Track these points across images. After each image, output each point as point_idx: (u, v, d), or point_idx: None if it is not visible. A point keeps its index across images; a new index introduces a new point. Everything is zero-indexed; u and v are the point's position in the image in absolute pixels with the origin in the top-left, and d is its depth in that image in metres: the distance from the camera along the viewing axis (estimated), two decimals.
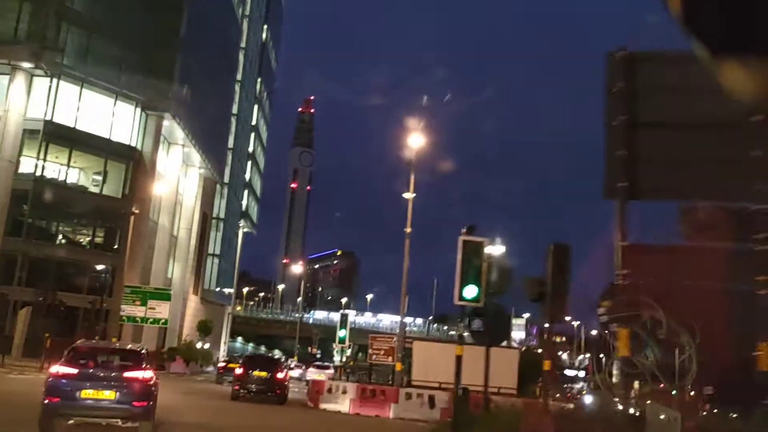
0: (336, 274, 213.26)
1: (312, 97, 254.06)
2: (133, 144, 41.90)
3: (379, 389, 19.99)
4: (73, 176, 40.92)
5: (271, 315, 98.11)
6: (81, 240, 41.65)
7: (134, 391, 10.65)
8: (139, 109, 42.19)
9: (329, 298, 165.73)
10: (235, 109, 65.01)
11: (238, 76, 65.20)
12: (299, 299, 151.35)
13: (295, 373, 47.56)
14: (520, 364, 30.67)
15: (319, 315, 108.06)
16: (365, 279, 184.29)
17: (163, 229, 48.07)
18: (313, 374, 41.94)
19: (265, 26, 77.84)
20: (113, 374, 10.88)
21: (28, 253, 36.97)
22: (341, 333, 33.71)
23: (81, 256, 39.80)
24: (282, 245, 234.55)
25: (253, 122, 76.07)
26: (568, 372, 74.90)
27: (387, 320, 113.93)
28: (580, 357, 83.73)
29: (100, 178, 41.63)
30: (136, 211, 36.71)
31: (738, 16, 1.61)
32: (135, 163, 41.86)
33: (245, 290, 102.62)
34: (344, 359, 74.51)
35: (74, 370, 10.61)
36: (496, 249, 16.25)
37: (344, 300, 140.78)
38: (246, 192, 75.50)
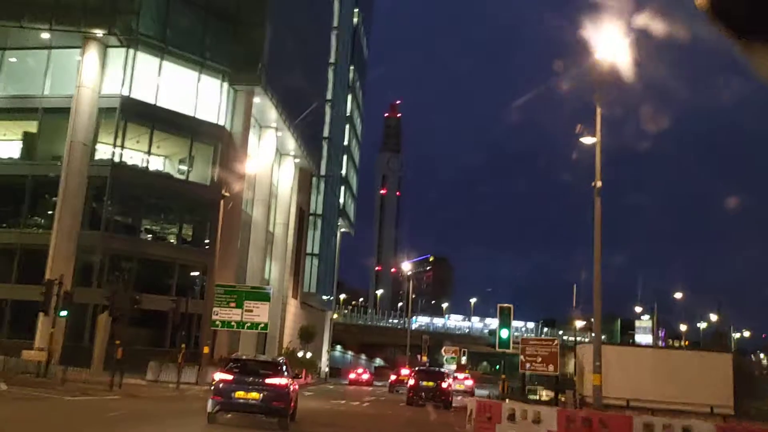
0: (429, 280, 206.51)
1: (398, 101, 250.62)
2: (221, 123, 36.49)
3: (597, 417, 12.69)
4: (156, 161, 35.85)
5: (372, 322, 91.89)
6: (166, 233, 36.45)
7: (274, 393, 14.55)
8: (226, 84, 36.74)
9: (425, 302, 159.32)
10: (329, 95, 59.28)
11: (331, 59, 59.45)
12: (400, 304, 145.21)
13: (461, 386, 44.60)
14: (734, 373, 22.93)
15: (423, 320, 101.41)
16: (459, 285, 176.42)
17: (258, 223, 42.53)
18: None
19: (356, 9, 72.05)
20: (258, 380, 14.64)
21: (107, 250, 31.96)
22: (503, 333, 26.41)
23: (166, 252, 34.56)
24: (374, 252, 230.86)
25: (348, 112, 70.30)
26: None
27: (494, 324, 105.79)
28: None
29: (185, 163, 36.43)
30: (227, 194, 31.01)
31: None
32: (224, 146, 36.38)
33: (342, 297, 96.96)
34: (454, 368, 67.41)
35: (230, 377, 14.58)
36: None
37: (445, 305, 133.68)
38: (343, 188, 69.70)
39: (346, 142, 70.20)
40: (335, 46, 60.54)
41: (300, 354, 45.95)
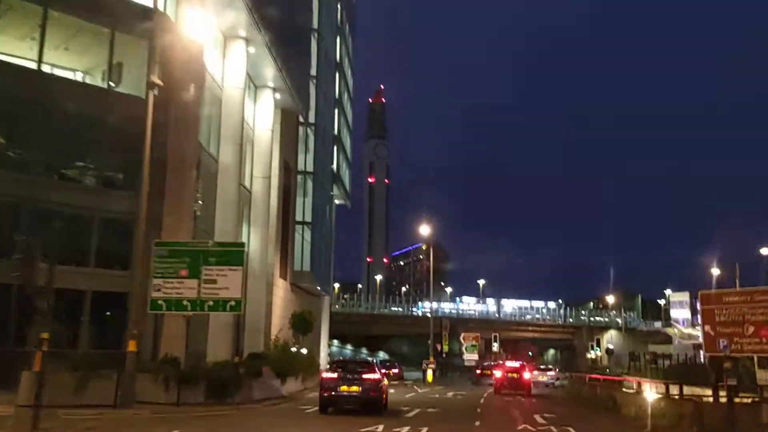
0: (424, 269, 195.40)
1: (382, 87, 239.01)
2: (159, 8, 24.59)
3: None
4: (57, 59, 23.95)
5: (376, 310, 79.98)
6: (82, 174, 24.25)
7: (369, 386, 18.97)
8: None
9: (423, 291, 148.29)
10: (314, 23, 47.33)
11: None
12: (404, 288, 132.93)
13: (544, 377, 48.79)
14: None
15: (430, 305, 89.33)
16: (455, 272, 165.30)
17: (228, 170, 30.54)
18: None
19: None
20: (357, 377, 19.07)
21: None
22: None
23: (79, 200, 22.56)
24: (364, 242, 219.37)
25: (337, 58, 58.33)
26: None
27: (509, 306, 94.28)
28: None
29: (108, 75, 24.44)
30: (159, 83, 19.20)
31: None
32: (168, 45, 24.31)
33: (336, 285, 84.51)
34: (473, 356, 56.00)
35: (335, 375, 19.30)
36: None
37: (449, 290, 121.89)
38: (336, 148, 57.82)
39: (337, 94, 58.26)
40: None
41: (294, 349, 34.25)
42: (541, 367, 55.21)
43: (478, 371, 50.83)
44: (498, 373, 36.93)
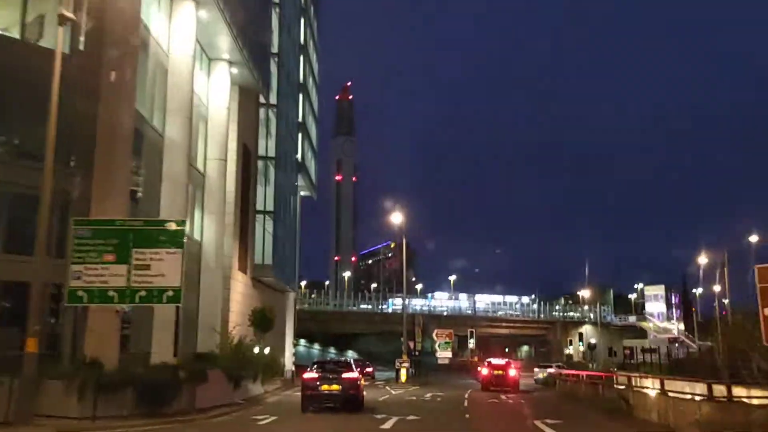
0: (392, 267, 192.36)
1: (349, 83, 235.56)
2: None
3: None
4: None
5: (344, 307, 76.56)
6: None
7: (349, 385, 20.18)
8: None
9: (394, 288, 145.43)
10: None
11: None
12: (374, 285, 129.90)
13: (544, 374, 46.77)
14: None
15: (401, 302, 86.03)
16: (423, 270, 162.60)
17: (175, 146, 26.91)
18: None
19: None
20: (336, 376, 20.32)
21: None
22: None
23: None
24: (332, 241, 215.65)
25: (302, 40, 54.80)
26: None
27: (482, 302, 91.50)
28: None
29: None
30: (70, 16, 15.72)
31: None
32: None
33: (303, 284, 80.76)
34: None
35: (316, 375, 20.46)
36: None
37: (419, 287, 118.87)
38: (300, 136, 54.30)
39: (301, 78, 54.75)
40: None
41: (257, 349, 30.81)
42: (542, 363, 55.24)
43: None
44: (485, 371, 37.82)
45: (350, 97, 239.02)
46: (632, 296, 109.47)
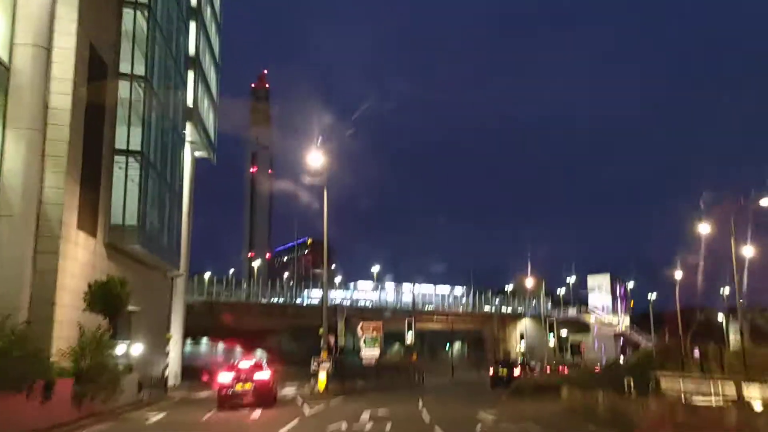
0: (309, 264, 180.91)
1: (266, 71, 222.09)
2: None
3: None
4: None
5: (253, 298, 64.36)
6: None
7: (261, 384, 24.19)
8: None
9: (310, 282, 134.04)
10: None
11: None
12: (286, 274, 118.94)
13: None
14: None
15: (318, 293, 73.92)
16: (347, 267, 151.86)
17: None
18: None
19: None
20: (249, 376, 24.22)
21: None
22: None
23: None
24: (245, 238, 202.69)
25: None
26: None
27: (410, 293, 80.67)
28: None
29: None
30: None
31: None
32: None
33: (207, 275, 67.35)
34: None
35: (232, 374, 24.44)
36: None
37: (338, 279, 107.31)
38: (193, 75, 42.17)
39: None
40: None
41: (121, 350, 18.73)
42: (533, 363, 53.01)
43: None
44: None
45: (267, 85, 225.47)
46: (560, 291, 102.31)
